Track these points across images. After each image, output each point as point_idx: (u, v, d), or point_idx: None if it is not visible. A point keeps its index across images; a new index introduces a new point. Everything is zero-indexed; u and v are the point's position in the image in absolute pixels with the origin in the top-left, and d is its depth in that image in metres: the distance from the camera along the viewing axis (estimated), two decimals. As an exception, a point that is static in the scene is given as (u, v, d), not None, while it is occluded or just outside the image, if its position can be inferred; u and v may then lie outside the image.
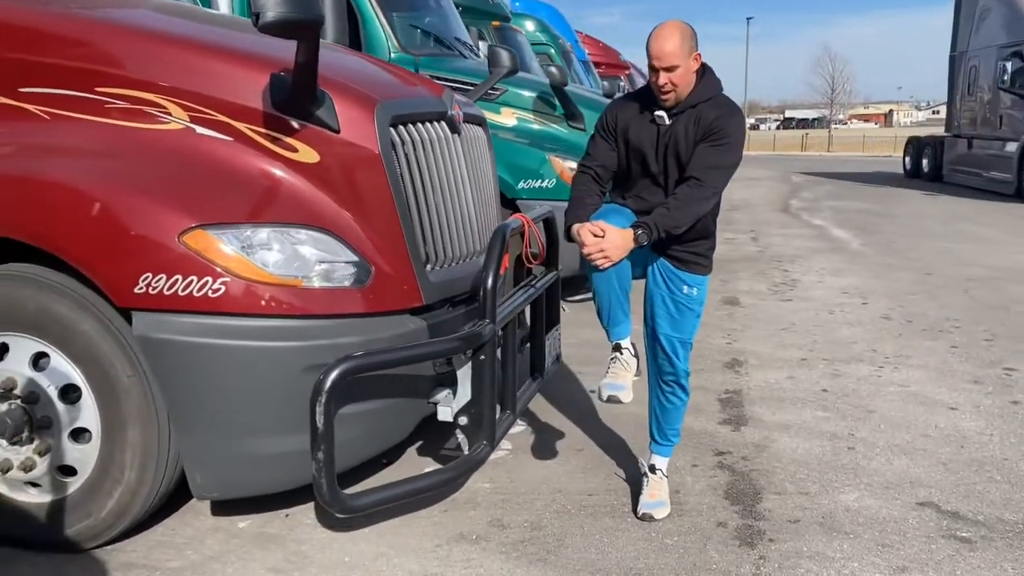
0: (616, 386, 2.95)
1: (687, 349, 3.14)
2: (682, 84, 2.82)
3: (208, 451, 2.69)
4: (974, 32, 18.30)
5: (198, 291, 2.59)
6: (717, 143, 2.82)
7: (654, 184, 2.97)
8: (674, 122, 2.89)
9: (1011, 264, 8.52)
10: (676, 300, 3.05)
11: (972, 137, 18.16)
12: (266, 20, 2.37)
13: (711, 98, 2.88)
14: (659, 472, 3.23)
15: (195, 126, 2.78)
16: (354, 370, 2.50)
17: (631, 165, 3.00)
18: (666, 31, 2.80)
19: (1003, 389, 4.57)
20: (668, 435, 3.24)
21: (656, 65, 2.79)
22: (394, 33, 6.30)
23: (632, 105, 3.01)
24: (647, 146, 2.93)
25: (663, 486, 3.21)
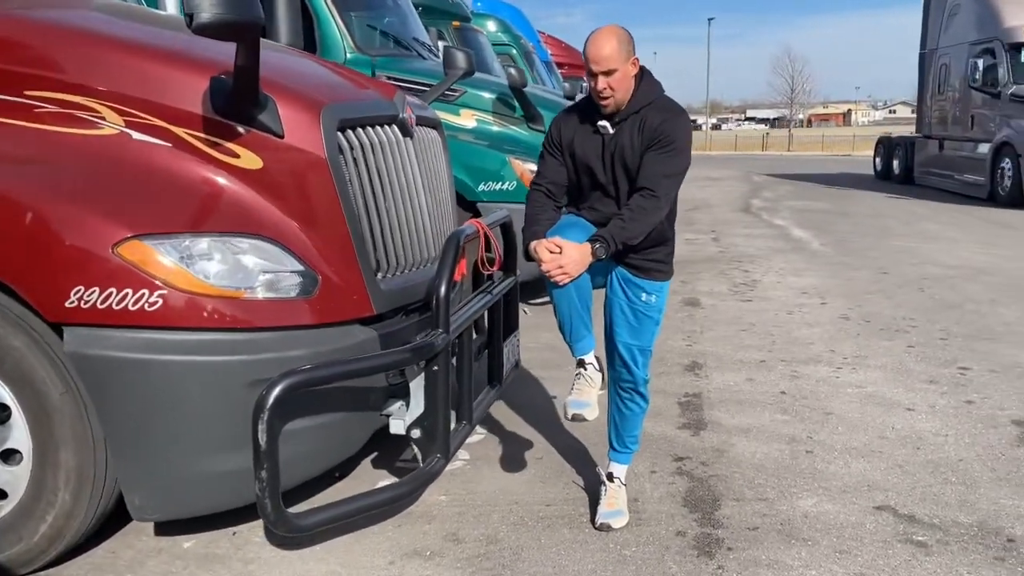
0: (580, 403, 2.88)
1: (646, 357, 3.10)
2: (621, 89, 2.78)
3: (147, 471, 2.58)
4: (944, 29, 17.56)
5: (134, 304, 2.47)
6: (664, 150, 2.77)
7: (605, 195, 2.92)
8: (618, 130, 2.85)
9: (964, 262, 8.66)
10: (635, 308, 3.00)
11: (943, 138, 17.33)
12: (200, 22, 2.27)
13: (652, 102, 2.84)
14: (617, 480, 3.18)
15: (131, 131, 2.66)
16: (299, 385, 2.41)
17: (580, 178, 2.95)
18: (603, 35, 2.77)
19: (957, 389, 4.61)
20: (627, 442, 3.20)
21: (594, 69, 2.75)
22: (350, 33, 6.19)
23: (575, 117, 2.96)
24: (593, 158, 2.89)
25: (621, 495, 3.17)
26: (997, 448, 3.78)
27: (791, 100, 61.36)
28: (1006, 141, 14.23)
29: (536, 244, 2.75)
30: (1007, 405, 4.34)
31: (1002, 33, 14.91)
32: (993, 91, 15.04)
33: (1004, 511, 3.18)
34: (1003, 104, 14.78)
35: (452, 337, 2.86)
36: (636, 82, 2.84)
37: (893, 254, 9.27)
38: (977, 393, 4.53)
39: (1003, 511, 3.18)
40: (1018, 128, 14.10)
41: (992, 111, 15.20)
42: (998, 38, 14.96)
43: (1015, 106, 14.45)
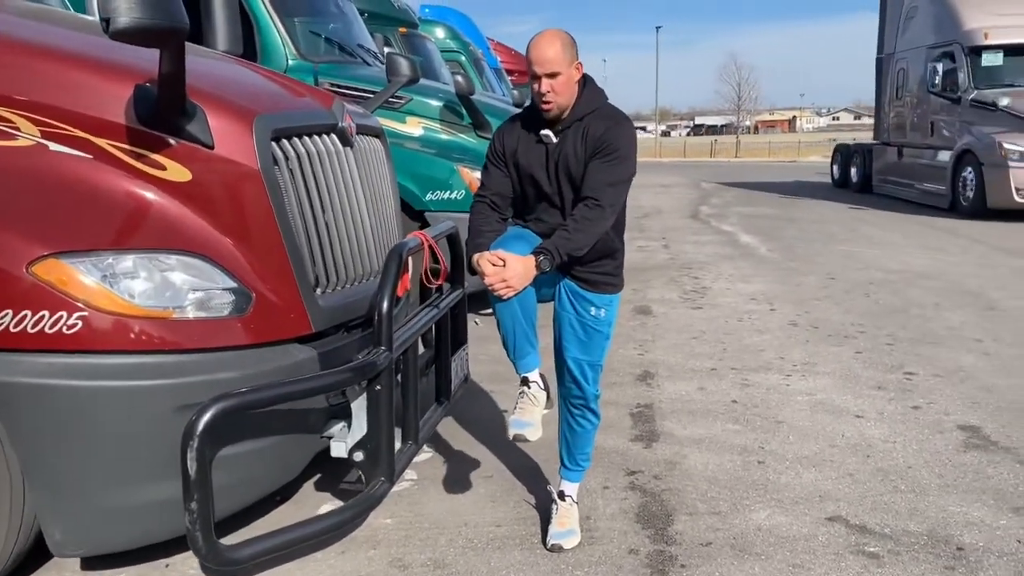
0: (523, 423, 2.77)
1: (597, 372, 3.03)
2: (564, 94, 2.71)
3: (68, 505, 2.42)
4: (901, 33, 16.63)
5: (51, 327, 2.32)
6: (608, 158, 2.70)
7: (551, 206, 2.85)
8: (561, 139, 2.78)
9: (906, 267, 8.82)
10: (584, 323, 2.93)
11: (902, 145, 16.33)
12: (117, 27, 2.13)
13: (596, 109, 2.78)
14: (569, 499, 3.10)
15: (48, 142, 2.50)
16: (232, 409, 2.27)
17: (525, 188, 2.88)
18: (547, 37, 2.71)
19: (904, 394, 4.65)
20: (578, 460, 3.12)
21: (537, 71, 2.68)
22: (292, 39, 6.03)
23: (518, 127, 2.88)
24: (537, 168, 2.81)
25: (573, 513, 3.09)
26: (944, 454, 3.81)
27: (738, 107, 62.48)
28: (967, 149, 13.42)
29: (479, 257, 2.66)
30: (952, 410, 4.38)
31: (961, 36, 14.12)
32: (953, 96, 14.15)
33: (953, 518, 3.18)
34: (963, 110, 13.95)
35: (396, 355, 2.75)
36: (579, 89, 2.77)
37: (839, 259, 9.41)
38: (923, 398, 4.57)
39: (952, 519, 3.18)
40: (979, 135, 13.30)
41: (952, 117, 14.32)
42: (957, 41, 14.17)
43: (976, 112, 13.65)
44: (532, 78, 2.71)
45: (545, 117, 2.76)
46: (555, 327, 3.01)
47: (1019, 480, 3.51)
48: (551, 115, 2.74)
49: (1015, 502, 3.31)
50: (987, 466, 3.66)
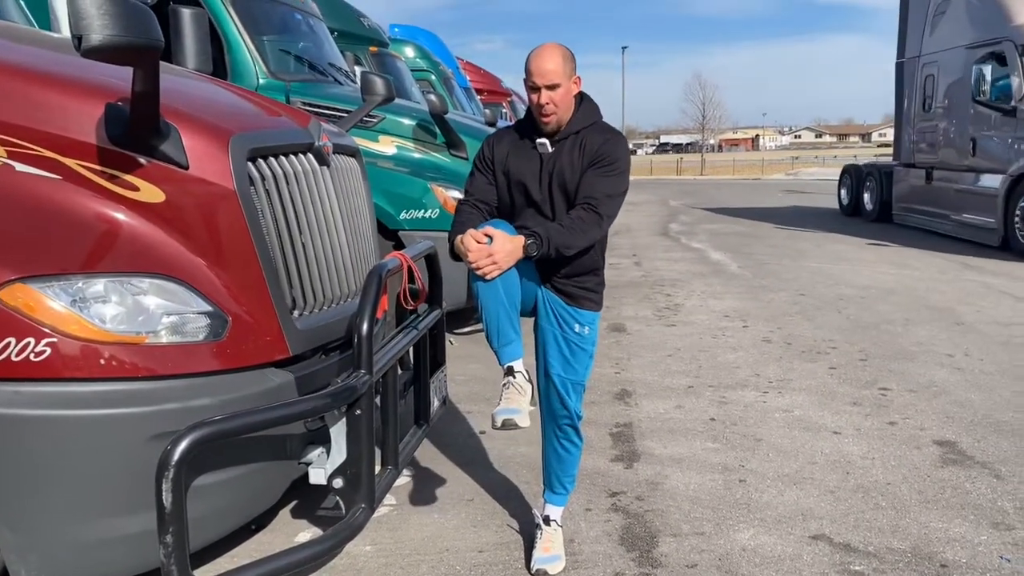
0: (510, 410, 2.63)
1: (580, 391, 2.99)
2: (563, 106, 2.72)
3: (35, 540, 2.31)
4: (929, 31, 13.70)
5: (17, 355, 2.22)
6: (608, 170, 2.72)
7: (539, 215, 2.82)
8: (557, 149, 2.78)
9: (874, 283, 8.94)
10: (569, 340, 2.90)
11: (932, 167, 13.39)
12: (90, 45, 2.06)
13: (593, 123, 2.81)
14: (553, 523, 3.06)
15: (14, 163, 2.41)
16: (207, 438, 2.18)
17: (514, 197, 2.86)
18: (548, 50, 2.73)
19: (880, 410, 4.68)
20: (565, 483, 3.08)
21: (538, 83, 2.69)
22: (263, 58, 5.97)
23: (511, 135, 2.90)
24: (529, 176, 2.80)
25: (557, 538, 3.04)
26: (922, 470, 3.83)
27: (703, 126, 63.24)
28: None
29: (463, 236, 2.62)
30: (927, 425, 4.42)
31: (1013, 32, 11.31)
32: (1005, 107, 11.30)
33: (935, 535, 3.19)
34: (1020, 123, 11.02)
35: (375, 378, 2.69)
36: (576, 103, 2.79)
37: (809, 276, 9.51)
38: (899, 414, 4.61)
39: (934, 535, 3.19)
40: None
41: (1003, 132, 11.40)
42: (1009, 38, 11.33)
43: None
44: (532, 90, 2.71)
45: (544, 129, 2.77)
46: (539, 344, 2.97)
47: (997, 495, 3.53)
48: (550, 127, 2.76)
49: (994, 517, 3.33)
50: (965, 481, 3.68)
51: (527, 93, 2.77)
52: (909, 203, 14.48)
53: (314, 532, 3.21)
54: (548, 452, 3.05)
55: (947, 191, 12.83)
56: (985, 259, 10.56)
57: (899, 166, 15.08)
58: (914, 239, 12.68)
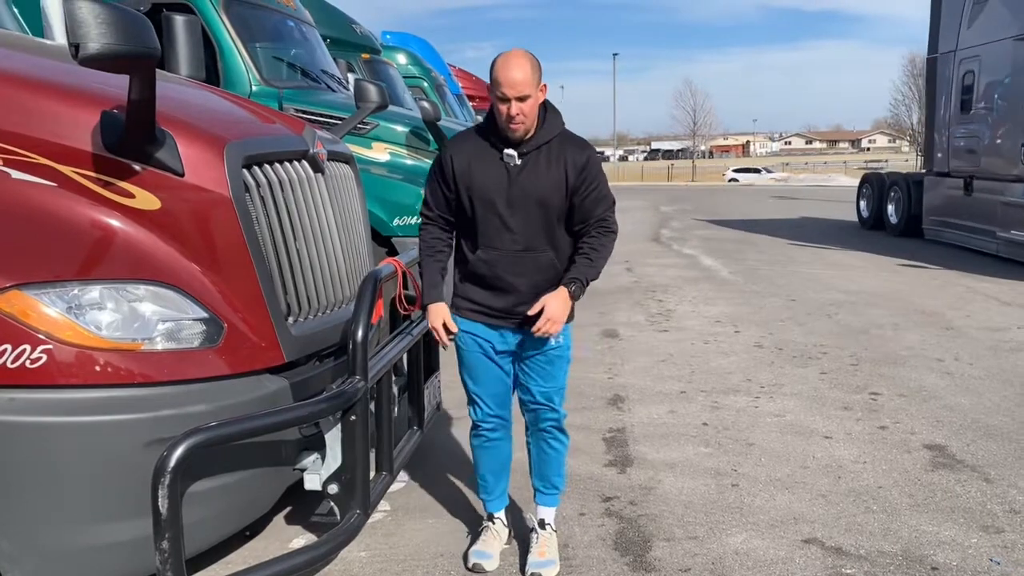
0: (483, 554, 3.01)
1: (562, 394, 3.01)
2: (531, 115, 2.69)
3: (30, 546, 2.31)
4: (967, 21, 12.11)
5: (13, 362, 2.23)
6: (598, 187, 2.80)
7: (504, 229, 2.77)
8: (526, 161, 2.74)
9: (864, 288, 8.99)
10: (547, 354, 2.90)
11: (971, 176, 11.76)
12: (87, 53, 2.08)
13: (560, 133, 2.79)
14: (548, 527, 3.07)
15: (10, 170, 2.42)
16: (203, 444, 2.20)
17: (476, 210, 2.78)
18: (516, 59, 2.64)
19: (870, 415, 4.71)
20: (554, 482, 3.09)
21: (508, 95, 2.62)
22: (255, 65, 5.99)
23: (472, 144, 2.81)
24: (495, 188, 2.75)
25: (552, 542, 3.05)
26: (912, 473, 3.86)
27: (693, 132, 63.57)
28: None
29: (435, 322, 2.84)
30: (917, 429, 4.45)
31: None
32: None
33: (926, 538, 3.21)
34: None
35: (370, 384, 2.70)
36: (541, 111, 2.76)
37: (799, 281, 9.56)
38: (889, 418, 4.64)
39: (924, 538, 3.21)
40: None
41: None
42: None
43: None
44: (500, 100, 2.64)
45: (511, 138, 2.72)
46: (517, 371, 2.97)
47: (986, 498, 3.56)
48: (517, 136, 2.71)
49: (984, 520, 3.36)
50: (955, 485, 3.71)
51: (494, 103, 2.68)
52: (944, 217, 12.74)
53: (308, 538, 3.21)
54: (535, 454, 3.07)
55: (991, 204, 11.10)
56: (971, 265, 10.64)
57: (931, 175, 13.34)
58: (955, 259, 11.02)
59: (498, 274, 2.80)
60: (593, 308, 8.03)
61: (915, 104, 45.32)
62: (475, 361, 2.93)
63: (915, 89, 45.19)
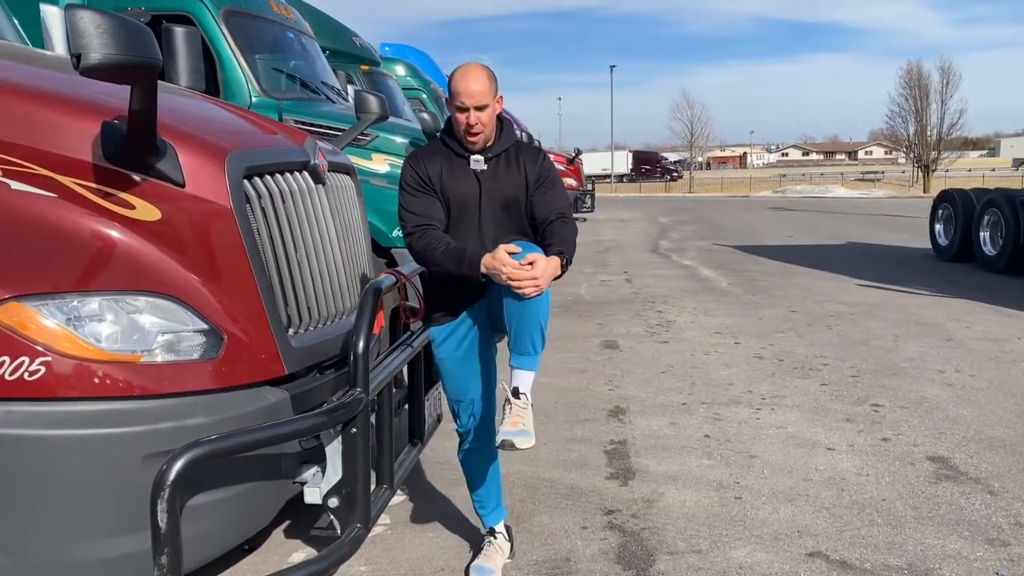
0: (484, 569, 2.98)
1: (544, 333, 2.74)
2: (489, 124, 2.81)
3: (28, 561, 2.27)
4: None
5: (11, 374, 2.20)
6: (556, 186, 2.90)
7: (477, 229, 2.86)
8: (491, 167, 2.87)
9: (863, 299, 8.98)
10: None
11: None
12: (89, 63, 2.06)
13: (516, 141, 2.94)
14: (524, 397, 2.72)
15: (9, 181, 2.40)
16: (203, 457, 2.16)
17: (451, 214, 2.89)
18: (474, 71, 2.78)
19: (873, 426, 4.69)
20: (532, 339, 2.69)
21: (467, 104, 2.74)
22: (255, 76, 5.99)
23: (440, 153, 2.91)
24: (468, 193, 2.86)
25: (527, 413, 2.70)
26: (916, 486, 3.83)
27: (691, 144, 63.59)
28: None
29: (494, 253, 2.56)
30: (920, 441, 4.43)
31: None
32: None
33: (931, 551, 3.19)
34: None
35: (371, 396, 2.67)
36: (497, 122, 2.89)
37: (799, 292, 9.55)
38: (891, 430, 4.62)
39: (930, 551, 3.19)
40: None
41: None
42: None
43: None
44: (459, 111, 2.77)
45: (471, 148, 2.84)
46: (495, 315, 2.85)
47: (991, 511, 3.54)
48: (477, 146, 2.84)
49: (989, 533, 3.33)
50: (959, 497, 3.69)
51: (452, 112, 2.82)
52: None
53: (308, 552, 3.19)
54: (510, 306, 2.65)
55: None
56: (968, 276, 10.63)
57: None
58: None
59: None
60: (592, 319, 8.02)
61: (911, 116, 45.38)
62: (455, 368, 2.98)
63: (911, 100, 45.27)
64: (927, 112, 44.88)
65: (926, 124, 44.66)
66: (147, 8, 5.68)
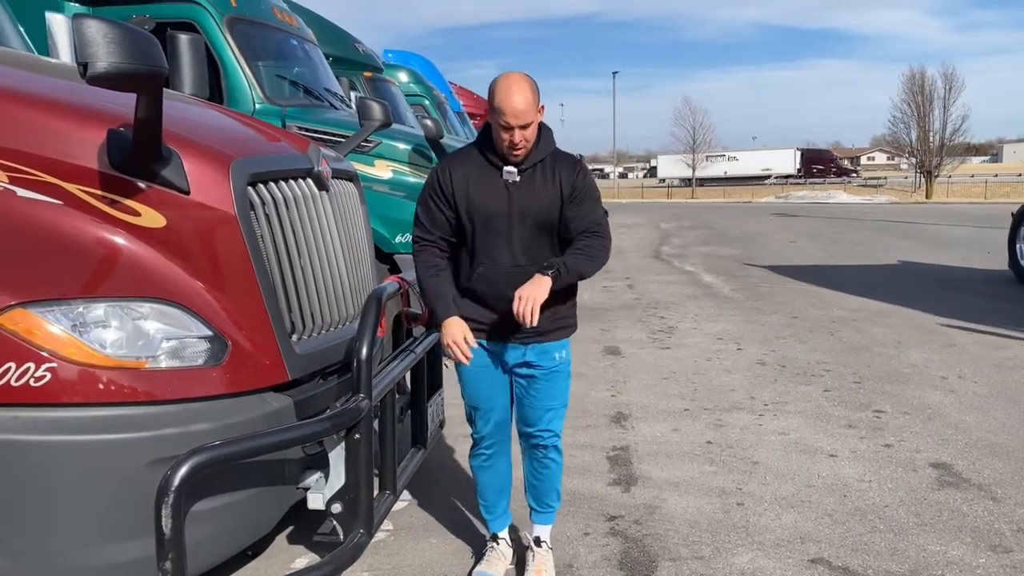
0: (487, 575, 2.98)
1: (562, 414, 2.99)
2: (532, 140, 2.72)
3: (32, 566, 2.29)
4: None
5: (17, 380, 2.22)
6: (591, 199, 2.81)
7: (505, 245, 2.78)
8: (525, 178, 2.76)
9: (864, 305, 8.98)
10: (547, 372, 2.89)
11: None
12: (96, 71, 2.08)
13: (554, 151, 2.83)
14: (544, 545, 3.04)
15: (16, 188, 2.42)
16: (207, 463, 2.17)
17: (476, 228, 2.79)
18: (518, 87, 2.62)
19: (875, 433, 4.69)
20: (550, 500, 3.07)
21: (512, 123, 2.62)
22: (259, 83, 6.01)
23: (469, 162, 2.81)
24: (495, 205, 2.76)
25: (549, 560, 3.03)
26: (919, 492, 3.83)
27: (693, 150, 63.63)
28: None
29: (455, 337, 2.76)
30: (923, 447, 4.43)
31: None
32: None
33: (934, 558, 3.19)
34: None
35: (374, 402, 2.69)
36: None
37: (801, 298, 9.55)
38: (894, 436, 4.62)
39: (932, 558, 3.19)
40: None
41: None
42: None
43: None
44: (504, 129, 2.64)
45: (512, 161, 2.75)
46: (516, 387, 2.95)
47: (994, 517, 3.54)
48: (519, 159, 2.75)
49: (992, 540, 3.33)
50: (962, 504, 3.69)
51: (495, 128, 2.68)
52: None
53: (311, 558, 3.19)
54: (529, 471, 3.05)
55: None
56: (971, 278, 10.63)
57: None
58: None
59: (498, 291, 2.78)
60: (595, 325, 8.02)
61: (913, 121, 45.36)
62: (476, 377, 2.93)
63: (914, 106, 45.26)
64: (930, 118, 44.92)
65: (929, 130, 44.69)
66: (151, 16, 5.71)
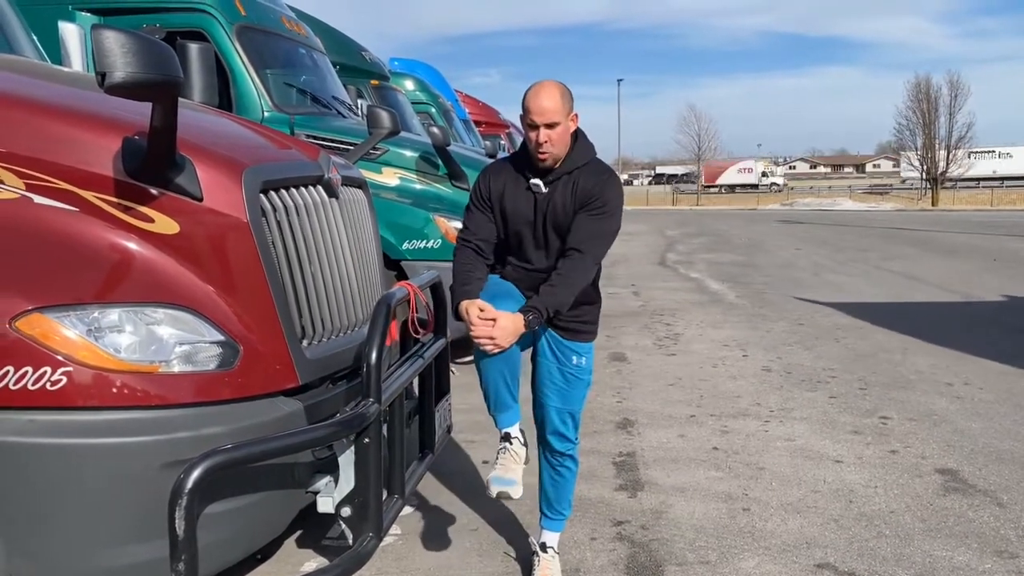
0: (505, 480, 2.78)
1: (577, 420, 3.03)
2: (559, 144, 2.73)
3: (48, 568, 2.32)
4: None
5: (34, 384, 2.25)
6: (598, 212, 2.75)
7: (537, 248, 2.86)
8: (551, 190, 2.80)
9: (871, 312, 8.98)
10: (565, 371, 2.93)
11: None
12: (114, 81, 2.12)
13: (587, 163, 2.81)
14: (550, 550, 3.06)
15: (33, 195, 2.46)
16: (220, 466, 2.20)
17: (509, 233, 2.88)
18: (547, 88, 2.73)
19: (881, 439, 4.70)
20: (561, 508, 3.10)
21: (536, 121, 2.69)
22: (267, 91, 6.06)
23: (506, 172, 2.89)
24: (523, 215, 2.83)
25: (554, 566, 3.05)
26: (924, 498, 3.84)
27: (698, 156, 63.64)
28: None
29: (468, 305, 2.66)
30: (928, 453, 4.44)
31: None
32: None
33: (939, 563, 3.20)
34: None
35: (383, 407, 2.71)
36: (572, 141, 2.79)
37: (806, 305, 9.56)
38: (900, 442, 4.63)
39: (938, 564, 3.20)
40: None
41: None
42: None
43: None
44: (530, 128, 2.71)
45: (539, 166, 2.77)
46: (535, 378, 3.00)
47: (1000, 523, 3.55)
48: (546, 164, 2.76)
49: (998, 545, 3.34)
50: (968, 510, 3.70)
51: (524, 130, 2.77)
52: None
53: (320, 562, 3.22)
54: (545, 479, 3.08)
55: None
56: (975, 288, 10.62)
57: None
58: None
59: (522, 290, 2.84)
60: (600, 331, 8.00)
61: (919, 129, 45.33)
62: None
63: (919, 114, 45.23)
64: (935, 125, 44.88)
65: (934, 137, 44.63)
66: (161, 25, 5.77)
